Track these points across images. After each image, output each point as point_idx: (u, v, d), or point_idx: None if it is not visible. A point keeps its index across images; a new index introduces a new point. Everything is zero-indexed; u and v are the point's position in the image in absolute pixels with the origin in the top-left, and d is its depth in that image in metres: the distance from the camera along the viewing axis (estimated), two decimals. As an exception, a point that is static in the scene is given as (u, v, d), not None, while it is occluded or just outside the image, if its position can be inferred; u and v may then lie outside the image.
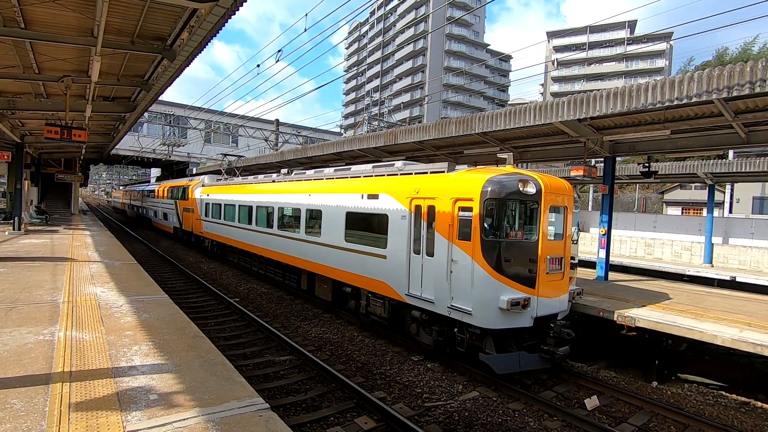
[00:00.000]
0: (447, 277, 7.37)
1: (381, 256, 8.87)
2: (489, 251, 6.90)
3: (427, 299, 7.79)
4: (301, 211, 11.94)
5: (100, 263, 11.27)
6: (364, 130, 37.89)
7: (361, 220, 9.74)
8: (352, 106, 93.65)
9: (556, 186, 7.56)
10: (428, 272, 7.80)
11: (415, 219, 8.16)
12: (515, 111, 9.98)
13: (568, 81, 73.72)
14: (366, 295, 9.62)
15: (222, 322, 10.37)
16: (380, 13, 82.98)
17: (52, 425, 3.46)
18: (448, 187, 7.62)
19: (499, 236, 7.02)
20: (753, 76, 6.54)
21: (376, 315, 9.41)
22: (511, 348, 7.27)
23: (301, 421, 5.85)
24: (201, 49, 7.97)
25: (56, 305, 6.98)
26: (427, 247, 7.87)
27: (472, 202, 7.05)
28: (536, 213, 7.25)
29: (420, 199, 8.06)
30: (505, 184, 7.03)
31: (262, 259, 14.87)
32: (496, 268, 6.89)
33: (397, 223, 8.51)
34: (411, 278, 8.20)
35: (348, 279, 9.99)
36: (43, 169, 27.69)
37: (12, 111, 13.08)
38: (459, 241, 7.22)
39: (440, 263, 7.51)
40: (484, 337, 7.15)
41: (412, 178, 8.64)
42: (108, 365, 4.68)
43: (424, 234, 7.95)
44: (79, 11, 6.86)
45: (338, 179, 11.06)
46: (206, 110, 35.98)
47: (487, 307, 6.88)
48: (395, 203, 8.59)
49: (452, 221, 7.33)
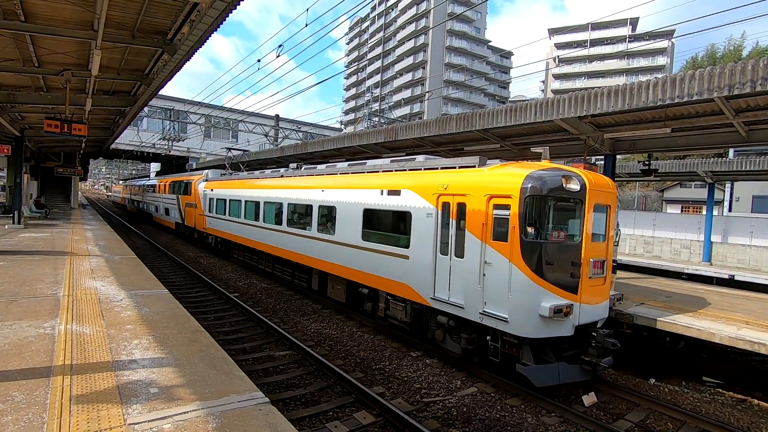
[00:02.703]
0: (479, 281, 6.84)
1: (403, 256, 8.36)
2: (529, 253, 6.35)
3: (455, 304, 7.25)
4: (313, 208, 11.42)
5: (100, 257, 11.28)
6: (364, 126, 37.84)
7: (380, 217, 9.22)
8: (353, 102, 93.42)
9: (600, 183, 7.05)
10: (457, 275, 7.28)
11: (443, 217, 7.63)
12: (516, 108, 9.96)
13: (569, 78, 73.51)
14: (385, 298, 9.08)
15: (222, 317, 10.40)
16: (381, 8, 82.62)
17: (53, 417, 3.48)
18: (481, 183, 7.03)
19: (540, 237, 6.47)
20: (754, 75, 6.53)
21: (396, 319, 8.87)
22: (550, 358, 6.72)
23: (301, 415, 5.88)
24: (202, 44, 7.95)
25: (57, 299, 7.00)
26: (456, 248, 7.33)
27: (510, 200, 6.50)
28: (580, 212, 6.71)
29: (448, 195, 7.51)
30: (547, 180, 6.43)
31: (269, 257, 14.44)
32: (537, 272, 6.34)
33: (421, 221, 7.98)
34: (437, 281, 7.66)
35: (365, 280, 9.47)
36: (42, 163, 27.64)
37: (12, 104, 13.04)
38: (494, 242, 6.70)
39: (471, 265, 6.99)
40: (521, 347, 6.61)
41: (438, 173, 8.05)
42: (108, 359, 4.70)
43: (453, 234, 7.40)
44: (80, 5, 6.83)
45: (354, 174, 10.50)
46: (206, 105, 35.93)
47: (525, 315, 6.35)
48: (419, 200, 8.04)
49: (486, 220, 6.80)
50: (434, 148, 14.15)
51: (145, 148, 35.24)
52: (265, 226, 14.18)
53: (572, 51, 68.57)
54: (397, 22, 79.52)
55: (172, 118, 34.99)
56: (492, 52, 78.48)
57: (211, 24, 7.03)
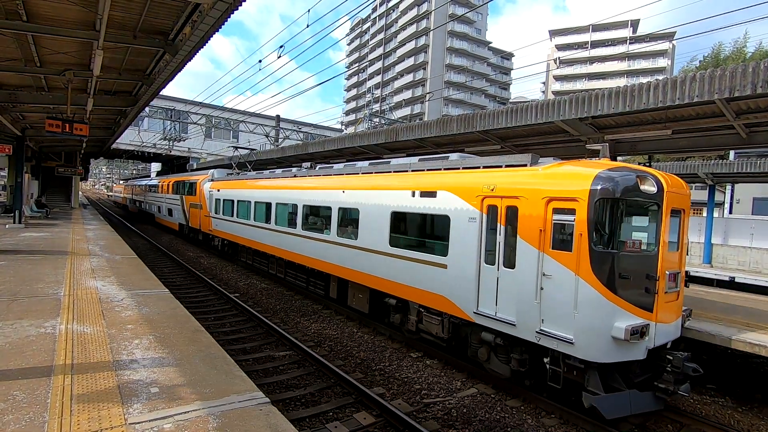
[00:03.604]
0: (536, 295, 6.06)
1: (440, 265, 7.58)
2: (600, 265, 5.58)
3: (504, 320, 6.47)
4: (332, 210, 10.64)
5: (100, 257, 11.30)
6: (365, 127, 37.86)
7: (411, 221, 8.53)
8: (354, 103, 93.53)
9: (675, 184, 6.31)
10: (507, 288, 6.50)
11: (489, 222, 6.86)
12: (517, 109, 9.97)
13: (569, 80, 73.58)
14: (416, 310, 8.32)
15: (222, 317, 10.41)
16: (382, 9, 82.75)
17: (54, 417, 3.49)
18: (537, 184, 6.27)
19: (612, 247, 5.70)
20: (755, 77, 6.54)
21: (431, 334, 8.06)
22: (619, 385, 5.93)
23: (301, 415, 5.89)
24: (203, 44, 7.96)
25: (57, 298, 7.01)
26: (506, 257, 6.56)
27: (576, 204, 5.74)
28: (656, 217, 6.02)
29: (496, 198, 6.74)
30: (619, 180, 5.68)
31: (281, 261, 13.67)
32: (609, 287, 5.56)
33: (462, 226, 7.21)
34: (482, 293, 6.88)
35: (393, 290, 8.68)
36: (43, 163, 27.68)
37: (13, 104, 13.08)
38: (554, 252, 5.94)
39: (525, 277, 6.21)
40: (587, 372, 5.82)
41: (481, 173, 7.33)
42: (109, 358, 4.71)
43: (501, 241, 6.62)
44: (82, 5, 6.86)
45: (378, 174, 9.74)
46: (207, 105, 35.98)
47: (595, 336, 5.58)
48: (460, 202, 7.28)
49: (544, 226, 6.04)
50: (435, 149, 14.17)
51: (145, 148, 35.29)
52: (278, 228, 13.48)
53: (573, 52, 68.62)
54: (398, 23, 79.64)
55: (173, 118, 35.04)
56: (493, 53, 78.57)
57: (212, 25, 7.04)
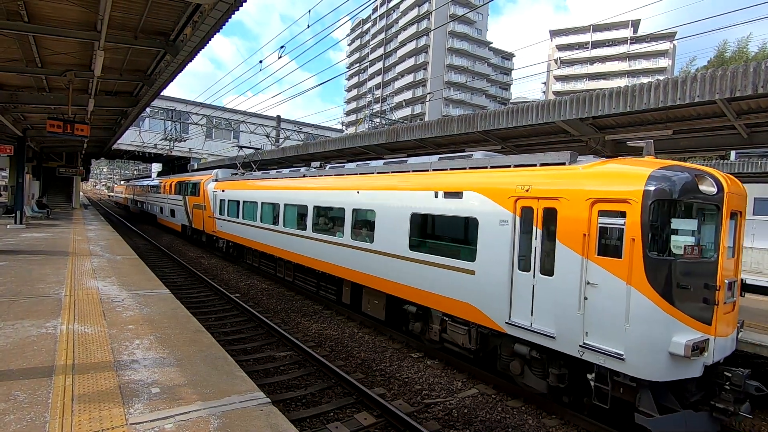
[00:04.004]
0: (579, 306, 5.61)
1: (466, 270, 7.15)
2: (656, 273, 5.12)
3: (542, 332, 6.01)
4: (346, 212, 10.23)
5: (101, 257, 11.31)
6: (366, 127, 37.88)
7: (434, 224, 8.14)
8: (354, 103, 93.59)
9: (734, 184, 5.86)
10: (544, 296, 6.08)
11: (523, 225, 6.43)
12: (517, 110, 9.97)
13: (570, 80, 73.57)
14: (440, 318, 7.90)
15: (223, 318, 10.41)
16: (383, 10, 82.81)
17: (55, 417, 3.50)
18: (579, 184, 5.82)
19: (669, 253, 5.26)
20: (756, 77, 6.54)
21: (456, 344, 7.66)
22: (673, 405, 5.48)
23: (302, 416, 5.89)
24: (204, 45, 7.97)
25: (58, 299, 7.02)
26: (543, 263, 6.12)
27: (628, 206, 5.28)
28: (716, 221, 5.53)
29: (531, 199, 6.30)
30: (676, 180, 5.21)
31: (289, 264, 13.20)
32: (666, 297, 5.10)
33: (492, 229, 6.76)
34: (515, 302, 6.44)
35: (413, 296, 8.25)
36: (44, 163, 27.74)
37: (15, 104, 13.09)
38: (600, 258, 5.51)
39: (566, 285, 5.79)
40: (639, 391, 5.36)
41: (512, 172, 6.88)
42: (110, 358, 4.72)
43: (538, 245, 6.18)
44: (83, 6, 6.88)
45: (396, 174, 9.32)
46: (207, 105, 36.01)
47: (650, 352, 5.12)
48: (489, 204, 6.83)
49: (588, 230, 5.60)
50: (435, 149, 14.17)
51: (146, 148, 35.31)
52: (286, 230, 12.99)
53: (574, 52, 68.62)
54: (398, 23, 79.70)
55: (173, 118, 35.05)
56: (493, 53, 78.59)
57: (213, 25, 7.05)
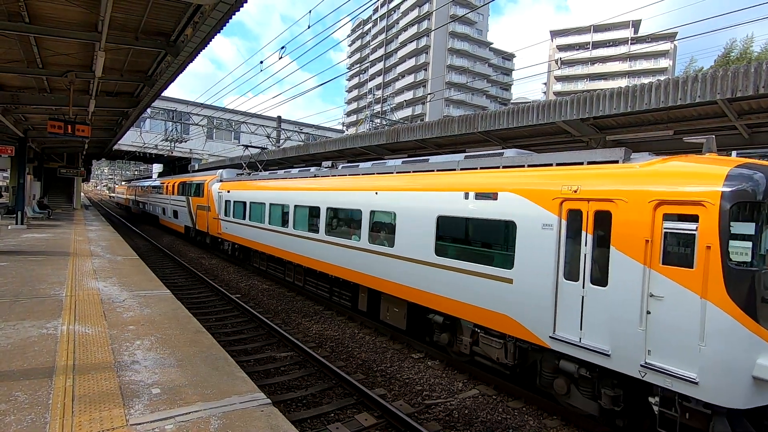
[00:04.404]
0: (640, 320, 5.08)
1: (503, 279, 6.65)
2: (737, 286, 4.57)
3: (593, 349, 5.49)
4: (363, 214, 9.68)
5: (102, 258, 11.32)
6: (366, 128, 37.89)
7: (464, 227, 7.60)
8: (355, 104, 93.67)
9: None
10: (596, 309, 5.56)
11: (570, 229, 5.92)
12: (518, 110, 9.98)
13: (571, 80, 73.56)
14: (470, 330, 7.40)
15: (223, 318, 10.41)
16: (383, 10, 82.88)
17: (55, 418, 3.49)
18: (638, 183, 5.31)
19: (753, 263, 4.69)
20: (757, 78, 6.54)
21: (489, 358, 7.12)
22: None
23: (302, 417, 5.89)
24: (204, 45, 7.99)
25: (59, 299, 7.02)
26: (595, 272, 5.63)
27: (702, 209, 4.77)
28: None
29: (580, 201, 5.79)
30: (759, 180, 4.68)
31: (300, 268, 12.67)
32: (750, 313, 4.54)
33: (532, 233, 6.26)
34: (560, 314, 5.93)
35: (439, 305, 7.72)
36: (45, 164, 27.80)
37: (16, 105, 13.12)
38: (665, 267, 4.99)
39: (623, 297, 5.26)
40: (713, 419, 4.82)
41: (557, 171, 6.35)
42: (111, 359, 4.72)
43: (588, 252, 5.67)
44: (84, 6, 6.89)
45: (418, 174, 8.79)
46: (208, 106, 36.03)
47: (731, 375, 4.57)
48: (529, 206, 6.35)
49: (651, 236, 5.11)
50: (436, 149, 14.17)
51: (147, 149, 35.35)
52: (297, 233, 12.41)
53: (574, 53, 68.61)
54: (399, 24, 79.78)
55: (174, 119, 35.09)
56: (494, 54, 78.62)
57: (214, 26, 7.06)
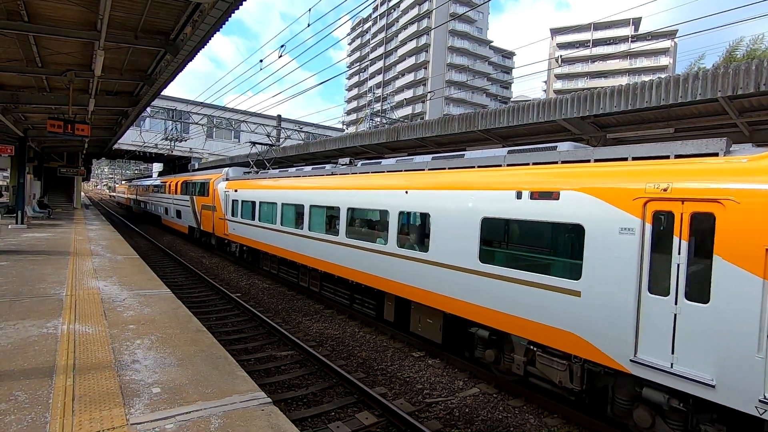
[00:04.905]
0: (758, 346, 4.33)
1: (568, 291, 5.84)
2: None
3: (690, 377, 4.74)
4: (390, 215, 8.91)
5: (102, 257, 11.32)
6: (366, 127, 37.86)
7: (516, 231, 6.86)
8: (355, 102, 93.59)
9: None
10: (694, 329, 4.85)
11: (656, 234, 5.17)
12: (518, 108, 9.96)
13: (571, 78, 73.41)
14: (525, 348, 6.62)
15: (224, 317, 10.41)
16: (383, 8, 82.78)
17: (56, 417, 3.49)
18: (749, 180, 4.54)
19: None
20: (758, 75, 6.52)
21: (550, 381, 6.35)
22: None
23: (303, 415, 5.89)
24: (204, 44, 7.97)
25: (59, 299, 7.02)
26: (693, 286, 4.91)
27: None
28: None
29: (671, 201, 5.04)
30: None
31: (316, 272, 11.96)
32: None
33: (606, 239, 5.49)
34: (644, 334, 5.19)
35: (485, 318, 6.92)
36: (45, 163, 27.76)
37: (15, 105, 13.11)
38: None
39: (734, 317, 4.50)
40: None
41: (636, 165, 5.51)
42: (111, 359, 4.72)
43: (682, 262, 4.94)
44: (83, 5, 6.87)
45: (455, 171, 7.96)
46: (208, 105, 36.02)
47: None
48: (602, 207, 5.58)
49: None
50: (436, 148, 14.16)
51: (147, 148, 35.34)
52: (312, 235, 11.66)
53: (574, 51, 68.47)
54: (399, 22, 79.66)
55: (174, 118, 35.08)
56: (494, 52, 78.50)
57: (213, 24, 7.04)
